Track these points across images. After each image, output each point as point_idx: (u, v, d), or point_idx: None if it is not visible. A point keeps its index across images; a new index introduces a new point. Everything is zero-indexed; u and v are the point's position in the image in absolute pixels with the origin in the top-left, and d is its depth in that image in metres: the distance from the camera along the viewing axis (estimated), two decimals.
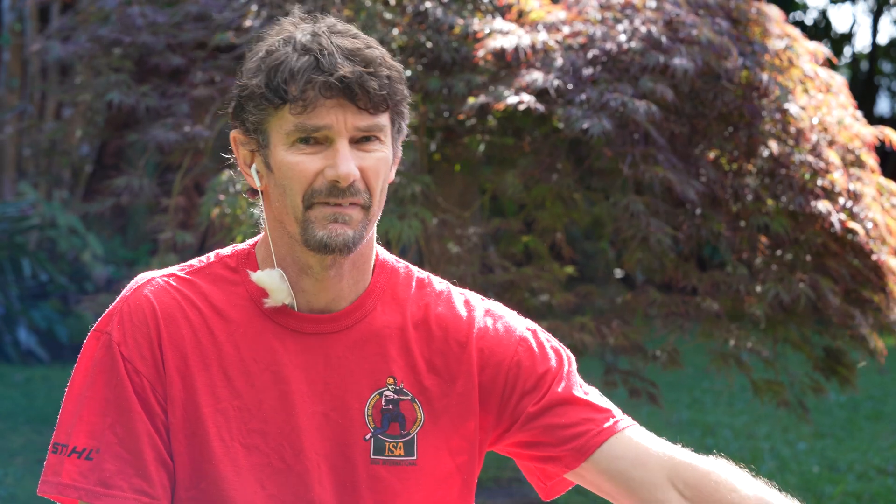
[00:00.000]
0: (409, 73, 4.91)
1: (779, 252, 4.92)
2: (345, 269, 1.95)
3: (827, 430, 8.68)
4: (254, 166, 1.94)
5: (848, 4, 20.96)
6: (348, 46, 1.87)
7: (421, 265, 5.11)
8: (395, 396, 1.96)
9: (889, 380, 9.96)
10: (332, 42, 1.87)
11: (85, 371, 1.93)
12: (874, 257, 4.85)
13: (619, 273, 5.43)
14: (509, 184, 4.82)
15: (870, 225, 4.82)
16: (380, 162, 1.91)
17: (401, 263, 2.04)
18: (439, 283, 2.04)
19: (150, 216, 5.70)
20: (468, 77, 4.81)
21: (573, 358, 2.07)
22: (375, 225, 1.94)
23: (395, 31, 4.95)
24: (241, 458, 1.91)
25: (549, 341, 2.05)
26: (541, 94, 4.65)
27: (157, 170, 6.08)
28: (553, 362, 2.02)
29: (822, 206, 4.73)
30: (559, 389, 1.99)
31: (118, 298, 1.97)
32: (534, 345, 2.02)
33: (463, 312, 2.01)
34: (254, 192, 1.97)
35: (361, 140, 1.90)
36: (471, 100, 4.71)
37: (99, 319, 1.97)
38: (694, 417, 8.97)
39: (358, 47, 1.88)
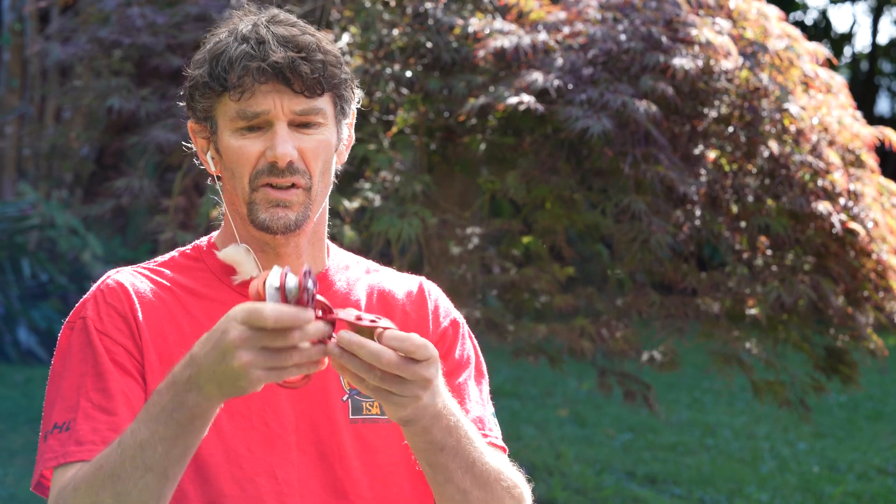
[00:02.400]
0: (409, 73, 4.91)
1: (779, 252, 4.92)
2: (301, 246, 2.05)
3: (827, 430, 8.68)
4: (209, 153, 2.04)
5: (848, 4, 20.96)
6: (284, 34, 1.97)
7: (421, 265, 5.12)
8: None
9: (889, 380, 9.96)
10: (269, 31, 1.97)
11: (61, 358, 2.00)
12: (875, 256, 4.85)
13: (618, 273, 5.43)
14: (510, 185, 4.82)
15: (870, 225, 4.81)
16: (319, 144, 1.99)
17: (348, 253, 2.18)
18: (383, 267, 2.19)
19: (150, 216, 5.70)
20: (468, 77, 4.81)
21: (485, 373, 2.17)
22: (324, 203, 2.04)
23: (395, 32, 4.95)
24: (224, 422, 1.98)
25: (469, 336, 2.17)
26: (541, 94, 4.65)
27: (157, 170, 6.07)
28: (467, 354, 2.14)
29: (823, 206, 4.73)
30: (459, 380, 2.11)
31: (87, 293, 2.04)
32: (460, 333, 2.15)
33: (413, 287, 2.15)
34: (214, 178, 2.09)
35: (302, 124, 1.98)
36: (471, 100, 4.71)
37: (70, 313, 2.04)
38: (694, 417, 8.97)
39: (293, 34, 1.97)
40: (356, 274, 2.13)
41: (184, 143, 2.16)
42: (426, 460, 1.91)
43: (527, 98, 4.58)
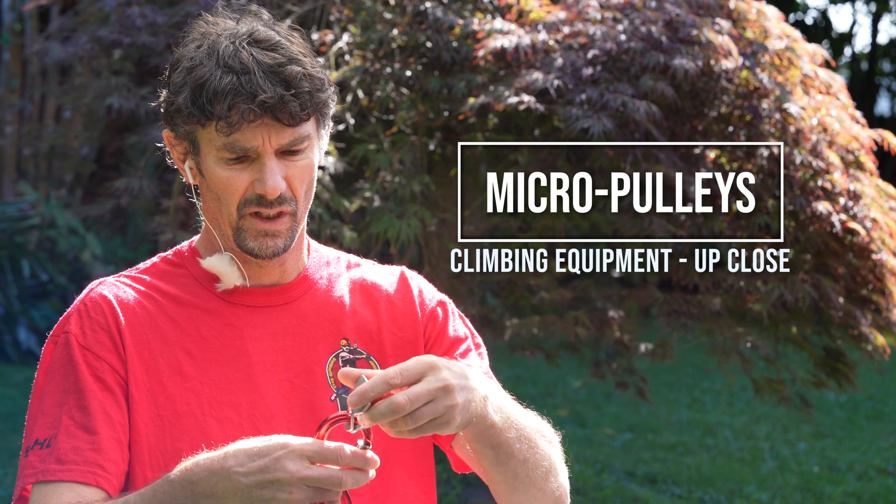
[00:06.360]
0: (409, 73, 4.91)
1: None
2: (284, 257, 2.07)
3: (827, 430, 8.68)
4: (187, 163, 2.05)
5: (848, 4, 20.97)
6: (269, 63, 1.95)
7: (421, 264, 5.12)
8: (351, 356, 2.08)
9: (889, 380, 9.96)
10: (252, 57, 1.95)
11: (45, 373, 2.02)
12: (875, 257, 4.85)
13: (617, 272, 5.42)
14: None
15: (869, 224, 4.82)
16: (304, 170, 2.01)
17: (327, 248, 2.19)
18: (364, 260, 2.21)
19: (150, 216, 5.71)
20: (468, 77, 4.81)
21: (482, 344, 2.18)
22: (305, 217, 2.07)
23: (395, 31, 4.94)
24: (214, 430, 1.99)
25: (459, 314, 2.19)
26: (541, 93, 4.65)
27: (156, 170, 6.07)
28: (462, 330, 2.15)
29: (823, 206, 4.73)
30: (459, 352, 2.12)
31: (71, 307, 2.05)
32: (449, 310, 2.16)
33: (395, 276, 2.17)
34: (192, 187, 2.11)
35: (288, 151, 1.99)
36: (471, 100, 4.71)
37: (54, 327, 2.05)
38: (694, 417, 8.97)
39: (278, 62, 1.95)
40: (337, 270, 2.15)
41: (157, 143, 2.16)
42: (490, 445, 1.93)
43: (527, 98, 4.58)
